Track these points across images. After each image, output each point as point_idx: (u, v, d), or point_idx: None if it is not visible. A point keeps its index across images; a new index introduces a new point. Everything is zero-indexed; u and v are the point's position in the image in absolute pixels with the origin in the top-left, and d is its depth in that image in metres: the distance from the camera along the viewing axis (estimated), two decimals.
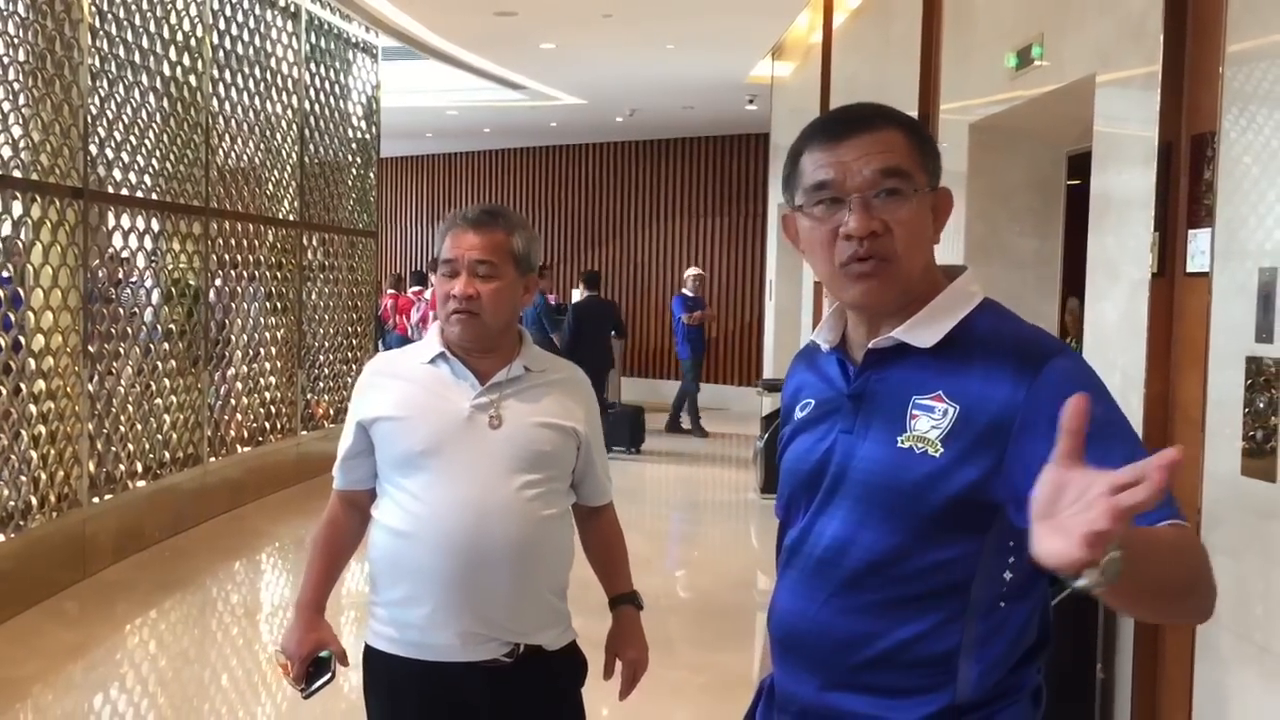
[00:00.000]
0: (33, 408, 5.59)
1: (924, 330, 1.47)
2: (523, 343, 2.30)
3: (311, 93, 8.85)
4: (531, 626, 2.23)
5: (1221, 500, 2.80)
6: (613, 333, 10.94)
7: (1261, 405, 2.63)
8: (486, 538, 2.14)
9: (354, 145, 9.71)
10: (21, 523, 5.44)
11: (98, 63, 6.11)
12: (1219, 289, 2.83)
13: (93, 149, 6.06)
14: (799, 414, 1.61)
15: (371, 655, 2.27)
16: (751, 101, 11.81)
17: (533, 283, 2.29)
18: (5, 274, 5.40)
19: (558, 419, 2.25)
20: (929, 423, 1.43)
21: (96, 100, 6.10)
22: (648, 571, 6.63)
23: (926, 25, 5.49)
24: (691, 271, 12.37)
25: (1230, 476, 2.74)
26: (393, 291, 13.15)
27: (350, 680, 4.66)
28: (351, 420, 2.27)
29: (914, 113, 5.47)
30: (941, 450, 1.42)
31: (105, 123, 6.21)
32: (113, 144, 6.29)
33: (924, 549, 1.44)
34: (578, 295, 12.09)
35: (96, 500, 6.16)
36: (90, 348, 6.05)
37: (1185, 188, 3.07)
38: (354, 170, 9.74)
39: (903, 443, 1.44)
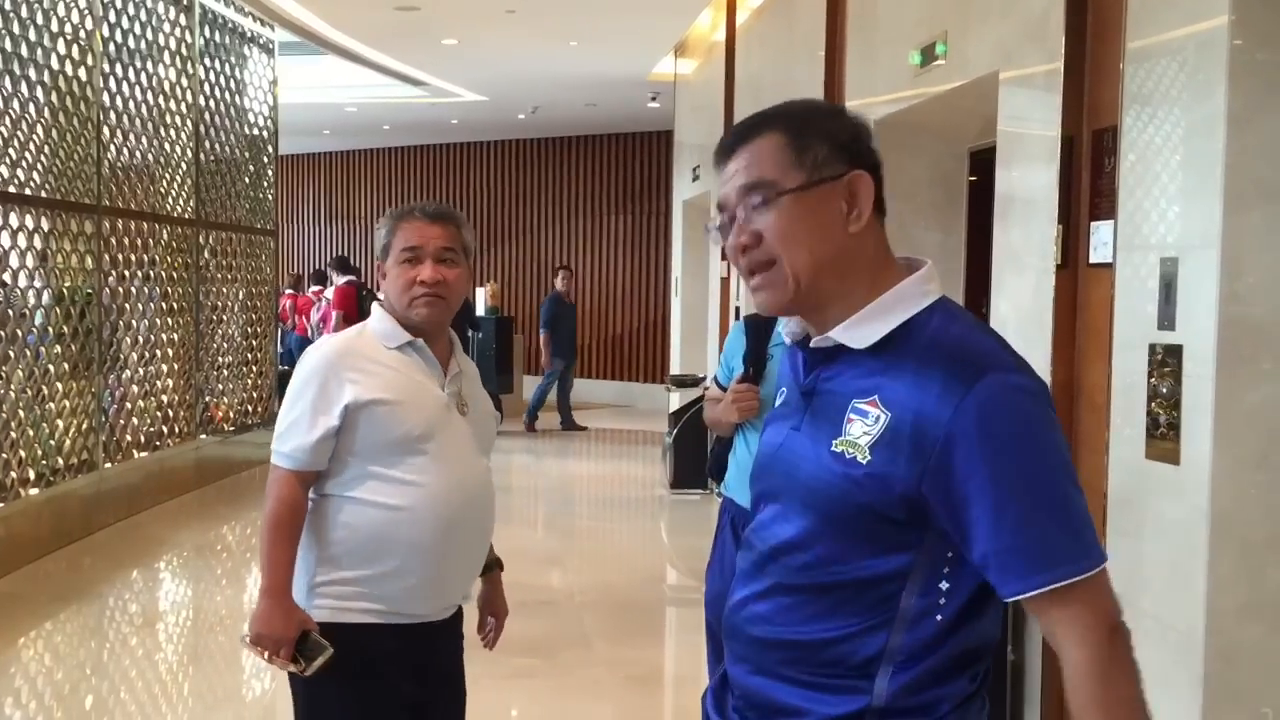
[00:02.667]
0: None
1: (862, 330, 1.45)
2: (452, 337, 2.50)
3: (206, 88, 8.65)
4: (472, 584, 2.54)
5: (1126, 484, 2.89)
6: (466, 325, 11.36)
7: (1164, 391, 2.73)
8: (471, 514, 2.38)
9: (251, 142, 9.51)
10: None
11: None
12: (1121, 279, 2.92)
13: None
14: (776, 401, 1.64)
15: (337, 631, 2.31)
16: (654, 99, 11.85)
17: (470, 275, 2.51)
18: None
19: (491, 408, 2.55)
20: (862, 428, 1.42)
21: None
22: (561, 569, 6.62)
23: (830, 23, 5.57)
24: None
25: (1134, 460, 2.83)
26: (291, 292, 12.90)
27: (264, 680, 4.60)
28: (331, 403, 2.28)
29: None
30: (869, 458, 1.40)
31: None
32: (1, 139, 6.07)
33: (851, 556, 1.43)
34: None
35: None
36: None
37: (1087, 182, 3.17)
38: (251, 168, 9.54)
39: (836, 446, 1.43)
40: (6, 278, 6.28)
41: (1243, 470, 2.56)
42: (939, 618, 1.42)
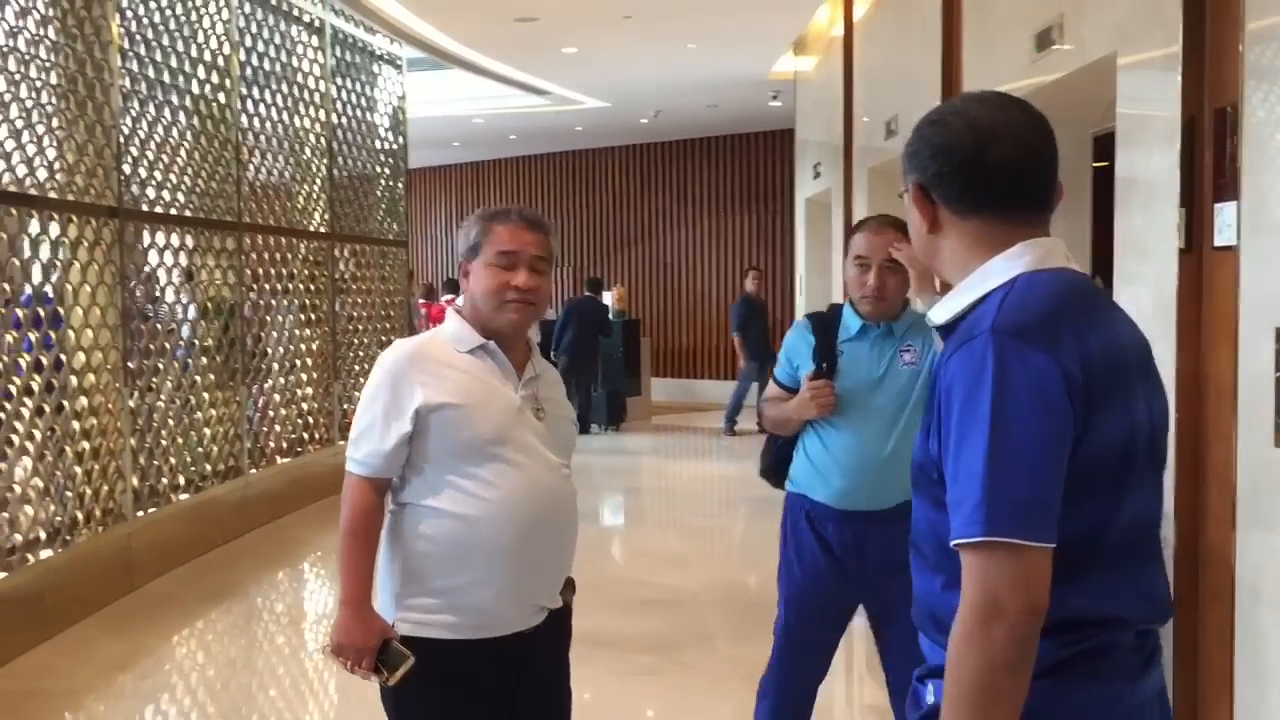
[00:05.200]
0: (75, 424, 5.68)
1: (944, 307, 1.57)
2: (530, 341, 2.49)
3: (338, 106, 8.93)
4: (559, 589, 2.46)
5: (1255, 474, 2.79)
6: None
7: None
8: (554, 517, 2.35)
9: (382, 156, 9.79)
10: (68, 538, 5.53)
11: (128, 83, 6.20)
12: (1247, 261, 2.82)
13: (126, 168, 6.15)
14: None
15: (423, 647, 2.29)
16: (775, 97, 11.80)
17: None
18: (46, 293, 5.49)
19: (570, 413, 2.52)
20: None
21: (128, 120, 6.20)
22: (684, 568, 6.65)
23: (947, 12, 5.48)
24: None
25: (1264, 450, 2.73)
26: (424, 301, 13.23)
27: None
28: (403, 408, 2.27)
29: (938, 101, 5.45)
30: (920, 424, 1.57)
31: (137, 142, 6.30)
32: (145, 163, 6.38)
33: (921, 514, 1.55)
34: (609, 298, 12.44)
35: (140, 514, 6.25)
36: (130, 364, 6.14)
37: (1210, 162, 3.06)
38: (382, 181, 9.83)
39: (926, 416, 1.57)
40: (158, 293, 6.60)
41: None
42: None
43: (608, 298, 13.37)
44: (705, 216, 15.19)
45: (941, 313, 1.57)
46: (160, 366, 6.57)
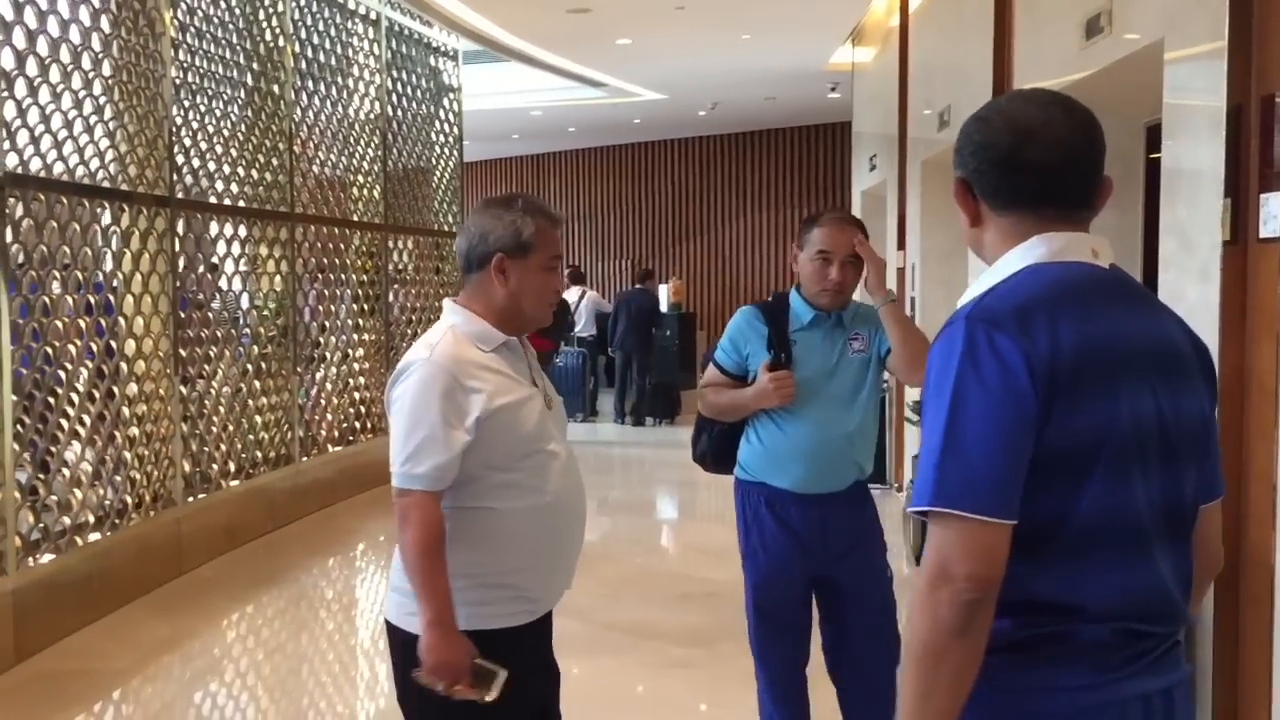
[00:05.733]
0: (126, 410, 5.77)
1: (965, 297, 1.62)
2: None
3: (393, 98, 8.99)
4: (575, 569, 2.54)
5: None
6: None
7: None
8: (579, 500, 2.43)
9: (437, 149, 9.85)
10: (118, 521, 5.63)
11: (181, 74, 6.29)
12: None
13: (179, 158, 6.23)
14: None
15: (489, 638, 2.28)
16: (834, 89, 11.69)
17: None
18: (97, 281, 5.59)
19: (557, 395, 2.54)
20: None
21: (180, 111, 6.28)
22: (730, 563, 6.60)
23: (999, 1, 5.38)
24: None
25: None
26: None
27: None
28: (463, 417, 2.23)
29: (989, 92, 5.36)
30: None
31: (190, 132, 6.39)
32: (198, 153, 6.47)
33: None
34: (667, 292, 12.37)
35: (191, 499, 6.34)
36: (181, 352, 6.23)
37: (1256, 151, 2.96)
38: (438, 173, 9.88)
39: None
40: (221, 284, 6.70)
41: None
42: None
43: (663, 290, 13.35)
44: (763, 210, 15.11)
45: (963, 298, 1.64)
46: (212, 354, 6.66)
